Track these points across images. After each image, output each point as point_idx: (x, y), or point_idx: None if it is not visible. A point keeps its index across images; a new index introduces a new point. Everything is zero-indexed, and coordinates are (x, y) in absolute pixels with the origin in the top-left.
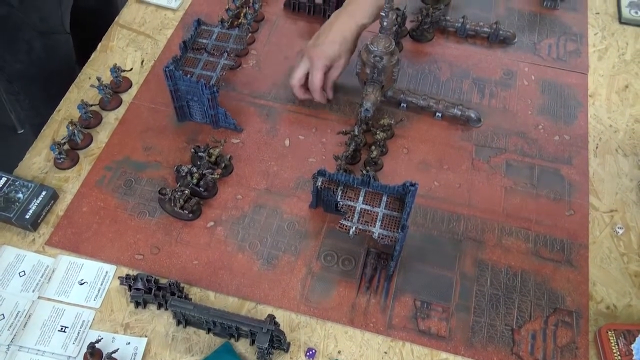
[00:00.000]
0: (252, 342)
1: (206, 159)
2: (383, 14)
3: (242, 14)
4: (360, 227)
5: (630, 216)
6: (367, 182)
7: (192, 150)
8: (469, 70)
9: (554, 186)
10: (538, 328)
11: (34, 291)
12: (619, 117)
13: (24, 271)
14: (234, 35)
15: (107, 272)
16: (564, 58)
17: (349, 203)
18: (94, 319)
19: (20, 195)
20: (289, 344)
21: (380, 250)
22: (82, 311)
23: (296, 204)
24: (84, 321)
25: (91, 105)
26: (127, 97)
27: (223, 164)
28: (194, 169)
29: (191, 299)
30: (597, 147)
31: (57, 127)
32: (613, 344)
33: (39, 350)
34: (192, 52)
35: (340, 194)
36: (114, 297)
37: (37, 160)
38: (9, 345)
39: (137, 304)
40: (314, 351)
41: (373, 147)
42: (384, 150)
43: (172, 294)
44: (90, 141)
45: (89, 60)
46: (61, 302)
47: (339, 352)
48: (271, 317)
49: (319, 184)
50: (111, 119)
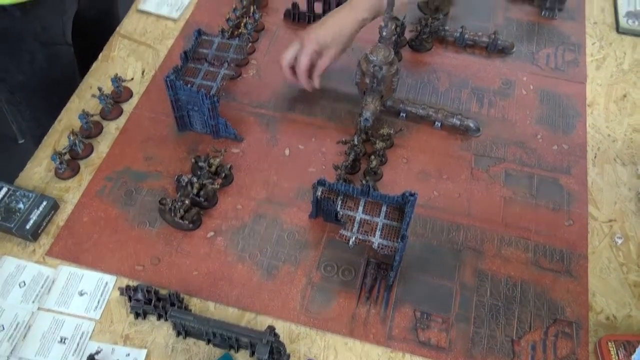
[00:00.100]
0: (252, 354)
1: (206, 168)
2: (382, 23)
3: (242, 24)
4: (360, 237)
5: (629, 226)
6: (367, 192)
7: (193, 160)
8: (468, 79)
9: (553, 196)
10: (538, 339)
11: (33, 302)
12: (617, 127)
13: (24, 282)
14: (234, 45)
15: (107, 282)
16: (562, 68)
17: (348, 213)
18: (93, 330)
19: (21, 205)
20: (288, 355)
21: (380, 260)
22: (81, 322)
23: (296, 213)
24: (83, 332)
25: (92, 115)
26: (128, 107)
27: (223, 174)
28: (195, 179)
29: (191, 309)
30: (595, 157)
31: (58, 137)
32: (613, 355)
33: None
34: (192, 62)
35: (340, 203)
36: (113, 308)
37: (38, 170)
38: (8, 357)
39: (137, 315)
40: None
41: (372, 156)
42: (383, 159)
43: (172, 304)
44: (91, 151)
45: (90, 70)
46: (61, 313)
47: None
48: (271, 329)
49: (319, 193)
50: (112, 128)
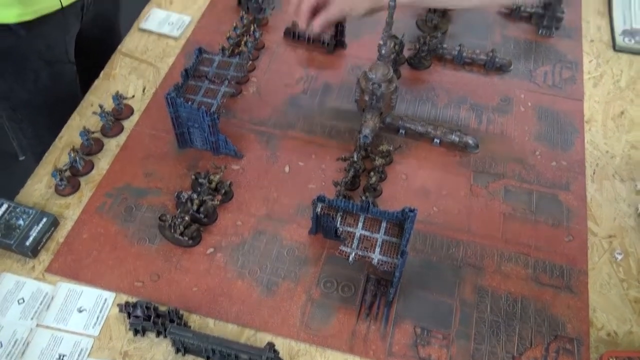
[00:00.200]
0: None
1: (206, 185)
2: (381, 42)
3: (242, 42)
4: (360, 253)
5: (629, 242)
6: (367, 208)
7: (193, 177)
8: (466, 96)
9: (553, 212)
10: (539, 355)
11: (32, 319)
12: (616, 143)
13: (23, 298)
14: (235, 63)
15: (106, 299)
16: (559, 85)
17: (348, 229)
18: (92, 347)
19: (21, 222)
20: None
21: (380, 276)
22: (80, 339)
23: (296, 230)
24: (82, 349)
25: (93, 132)
26: (128, 124)
27: (223, 190)
28: (195, 196)
29: (190, 326)
30: (594, 173)
31: (58, 153)
32: None
33: None
34: (193, 79)
35: (339, 220)
36: (112, 325)
37: (39, 186)
38: None
39: (136, 332)
40: None
41: (372, 173)
42: (382, 176)
43: (172, 321)
44: (91, 168)
45: (92, 87)
46: (59, 329)
47: None
48: (271, 345)
49: (319, 210)
50: (112, 145)
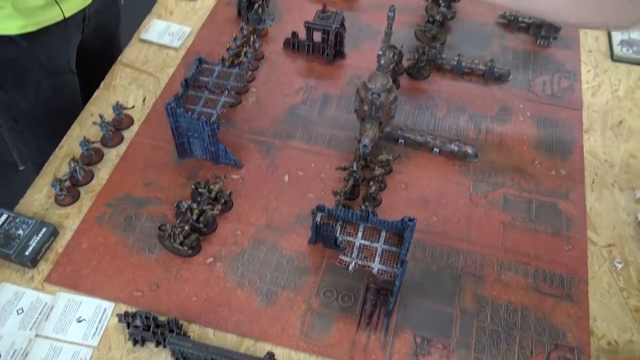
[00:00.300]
0: None
1: (206, 194)
2: (380, 52)
3: (242, 53)
4: (360, 263)
5: (628, 250)
6: (366, 218)
7: (193, 186)
8: (465, 106)
9: (552, 221)
10: None
11: (31, 329)
12: (614, 152)
13: (22, 309)
14: (235, 74)
15: (105, 309)
16: (558, 94)
17: (348, 238)
18: (91, 357)
19: (20, 231)
20: None
21: (380, 285)
22: (79, 349)
23: (295, 239)
24: (81, 359)
25: (93, 142)
26: (128, 134)
27: (223, 200)
28: (194, 205)
29: (190, 336)
30: (593, 182)
31: (58, 163)
32: None
33: None
34: (193, 89)
35: (339, 229)
36: (112, 335)
37: (38, 196)
38: None
39: (136, 342)
40: None
41: (372, 182)
42: (382, 185)
43: (171, 331)
44: (91, 178)
45: (92, 98)
46: (59, 340)
47: None
48: (270, 355)
49: (318, 219)
50: (112, 155)
